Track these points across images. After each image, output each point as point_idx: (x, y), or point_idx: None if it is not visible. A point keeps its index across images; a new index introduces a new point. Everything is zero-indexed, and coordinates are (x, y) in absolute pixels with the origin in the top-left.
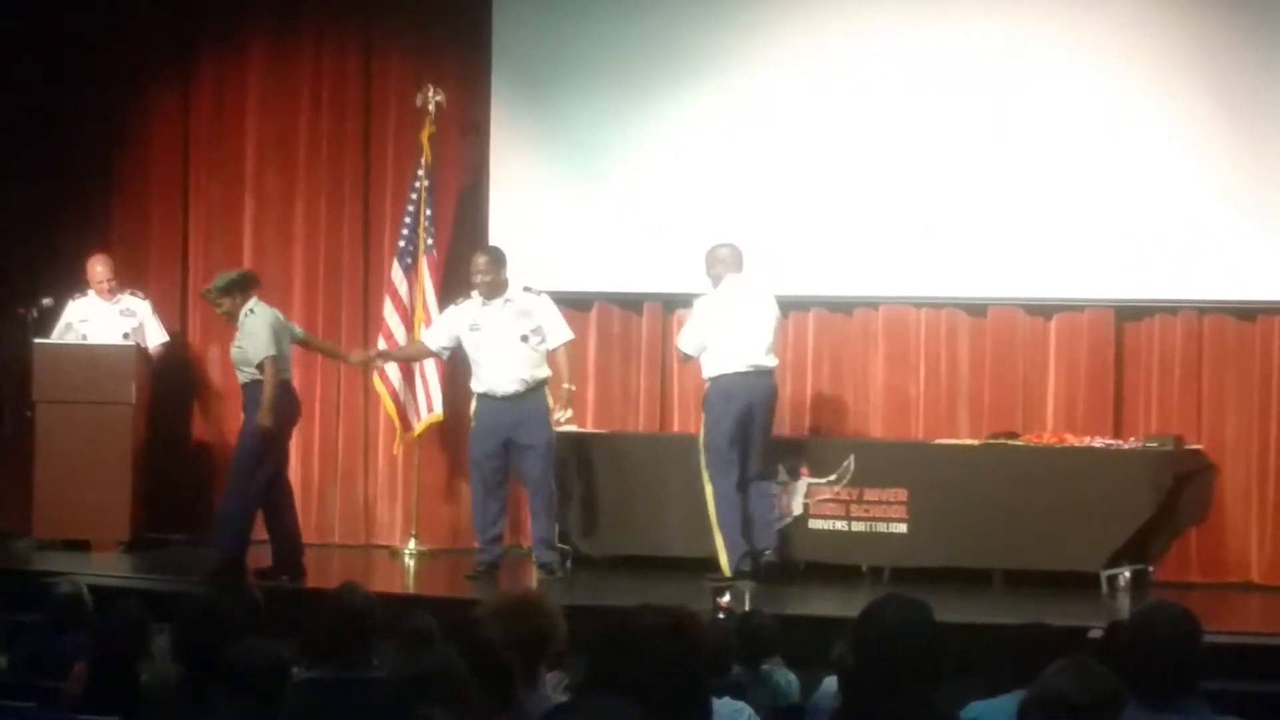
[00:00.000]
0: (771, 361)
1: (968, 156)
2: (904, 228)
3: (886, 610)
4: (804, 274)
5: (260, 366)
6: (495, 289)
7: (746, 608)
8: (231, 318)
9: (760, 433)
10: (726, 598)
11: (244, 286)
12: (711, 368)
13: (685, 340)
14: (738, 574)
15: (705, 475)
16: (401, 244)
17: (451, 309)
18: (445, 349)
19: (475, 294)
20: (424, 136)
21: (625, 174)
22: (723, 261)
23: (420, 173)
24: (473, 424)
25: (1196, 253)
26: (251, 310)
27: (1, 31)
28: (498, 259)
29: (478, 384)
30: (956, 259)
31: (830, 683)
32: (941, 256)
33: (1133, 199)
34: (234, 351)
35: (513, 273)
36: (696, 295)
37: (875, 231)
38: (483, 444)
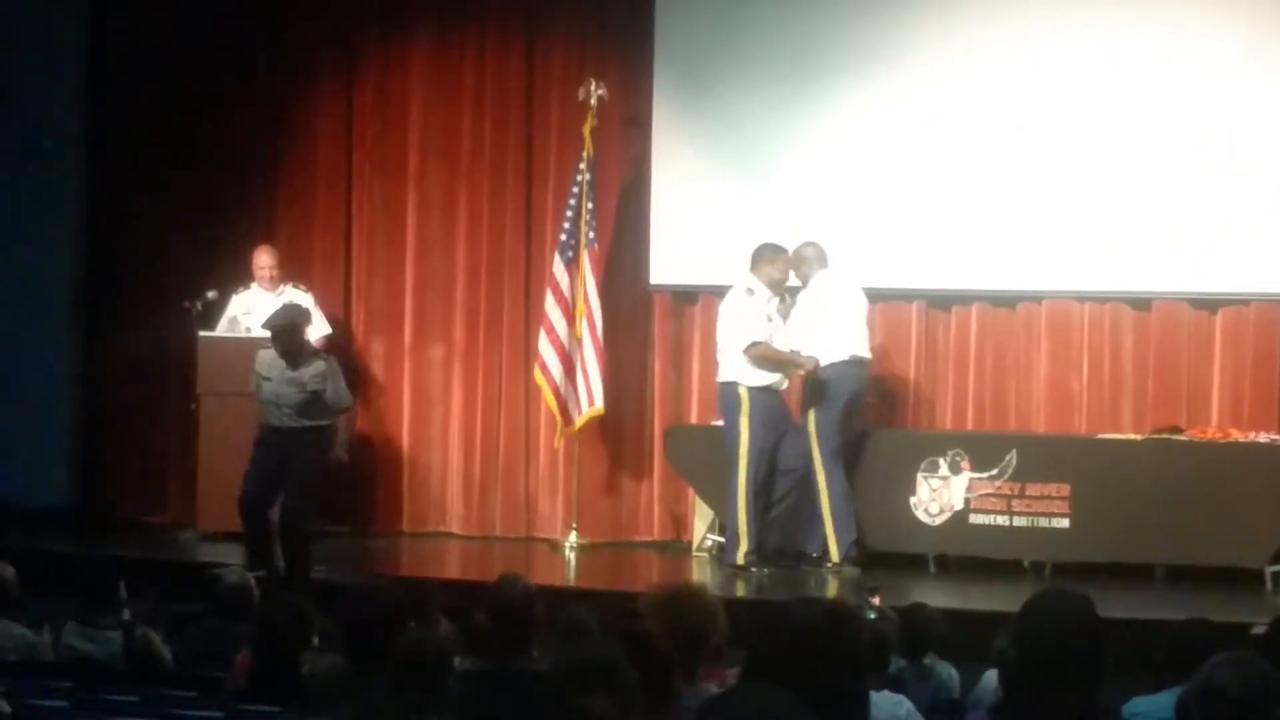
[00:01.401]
0: (868, 352)
1: (1130, 150)
2: (1067, 221)
3: (1048, 603)
4: (967, 268)
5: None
6: None
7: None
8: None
9: (857, 422)
10: (879, 595)
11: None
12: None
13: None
14: (846, 560)
15: (820, 464)
16: (563, 237)
17: None
18: None
19: None
20: (586, 130)
21: (786, 168)
22: (808, 260)
23: (582, 166)
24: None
25: None
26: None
27: (170, 28)
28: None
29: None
30: (1120, 252)
31: (990, 677)
32: (1105, 250)
33: None
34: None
35: (675, 266)
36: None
37: (1039, 225)
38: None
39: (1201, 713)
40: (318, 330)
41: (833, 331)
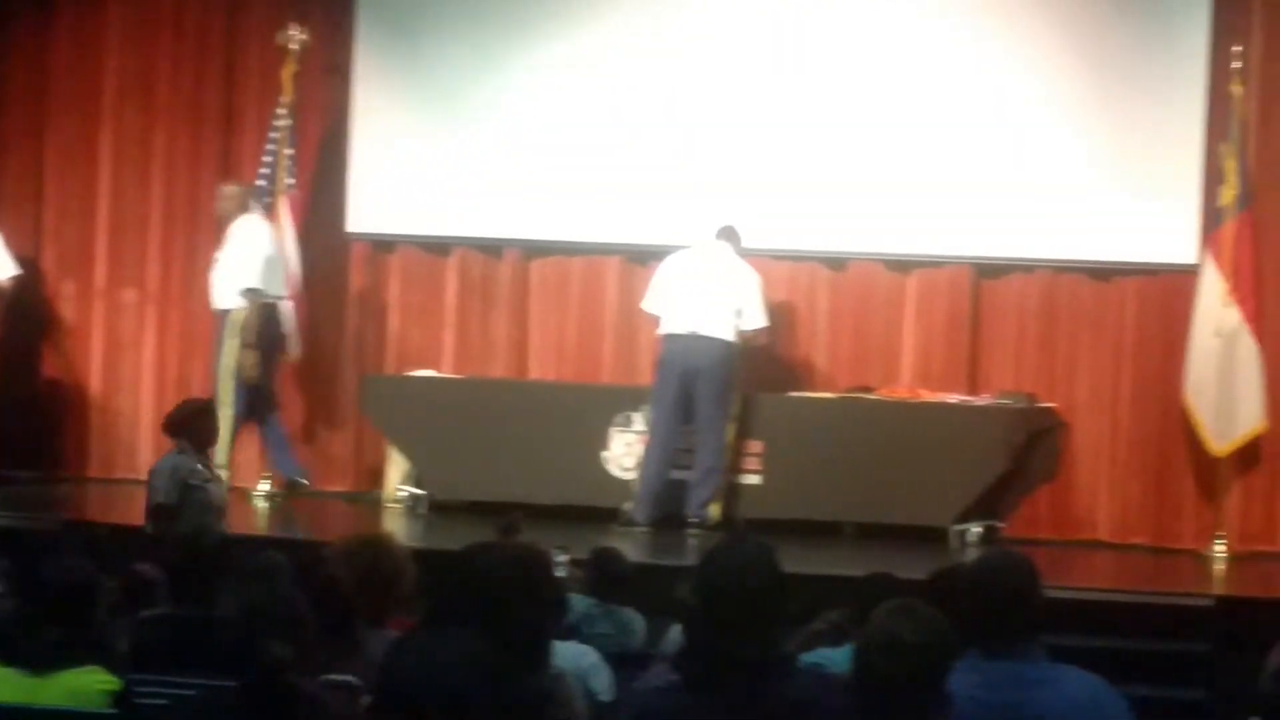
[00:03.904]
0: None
1: (830, 111)
2: (764, 180)
3: (728, 552)
4: (666, 224)
5: None
6: None
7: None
8: None
9: (707, 393)
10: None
11: None
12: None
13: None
14: (626, 521)
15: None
16: (261, 183)
17: None
18: None
19: None
20: (286, 75)
21: (487, 119)
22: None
23: (282, 111)
24: None
25: (1055, 213)
26: None
27: None
28: None
29: None
30: (817, 213)
31: (677, 629)
32: (802, 210)
33: (994, 158)
34: None
35: (373, 215)
36: (556, 242)
37: (737, 183)
38: None
39: (880, 659)
40: (4, 270)
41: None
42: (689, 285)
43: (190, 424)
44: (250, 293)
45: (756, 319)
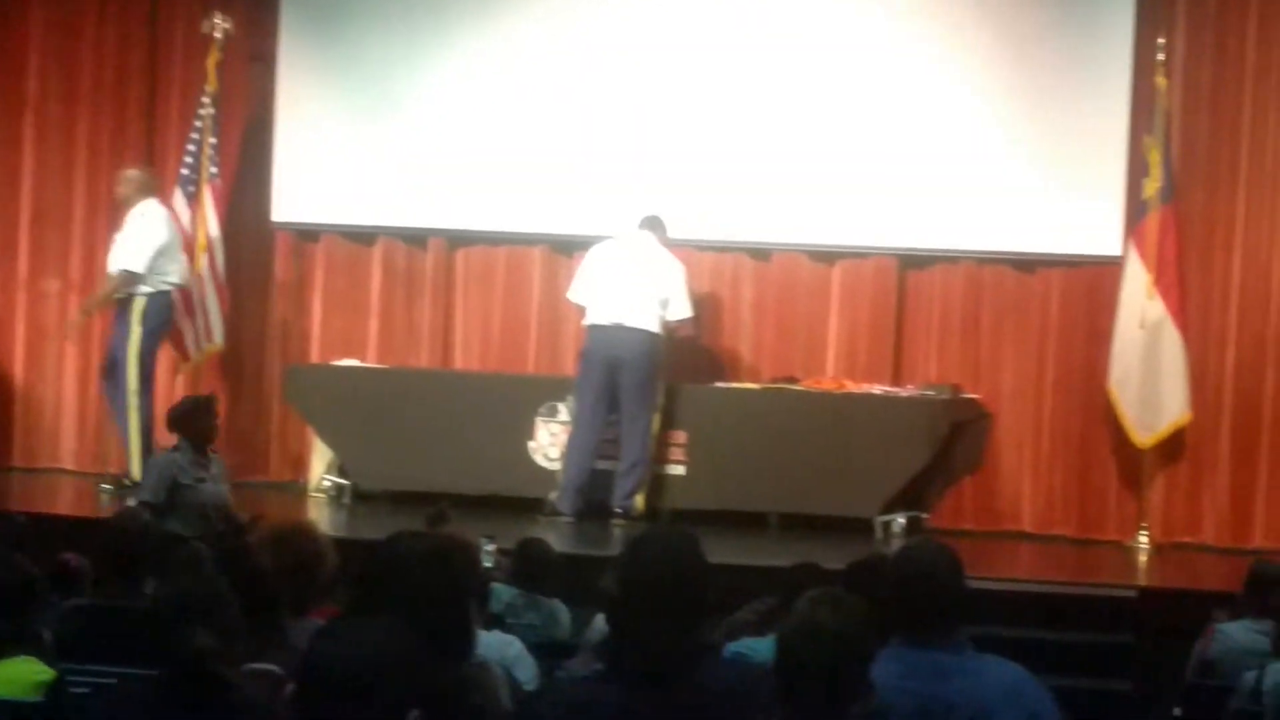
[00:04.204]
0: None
1: (752, 101)
2: (689, 171)
3: (652, 541)
4: (584, 215)
5: None
6: None
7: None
8: None
9: (628, 383)
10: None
11: None
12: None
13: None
14: (551, 511)
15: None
16: (185, 171)
17: None
18: None
19: None
20: (210, 64)
21: (412, 108)
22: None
23: (206, 100)
24: None
25: (980, 204)
26: None
27: None
28: None
29: None
30: (741, 203)
31: (601, 619)
32: (726, 200)
33: (918, 149)
34: None
35: (298, 205)
36: (481, 232)
37: (659, 173)
38: None
39: (802, 647)
40: None
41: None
42: (614, 276)
43: (187, 420)
44: (124, 274)
45: (681, 309)
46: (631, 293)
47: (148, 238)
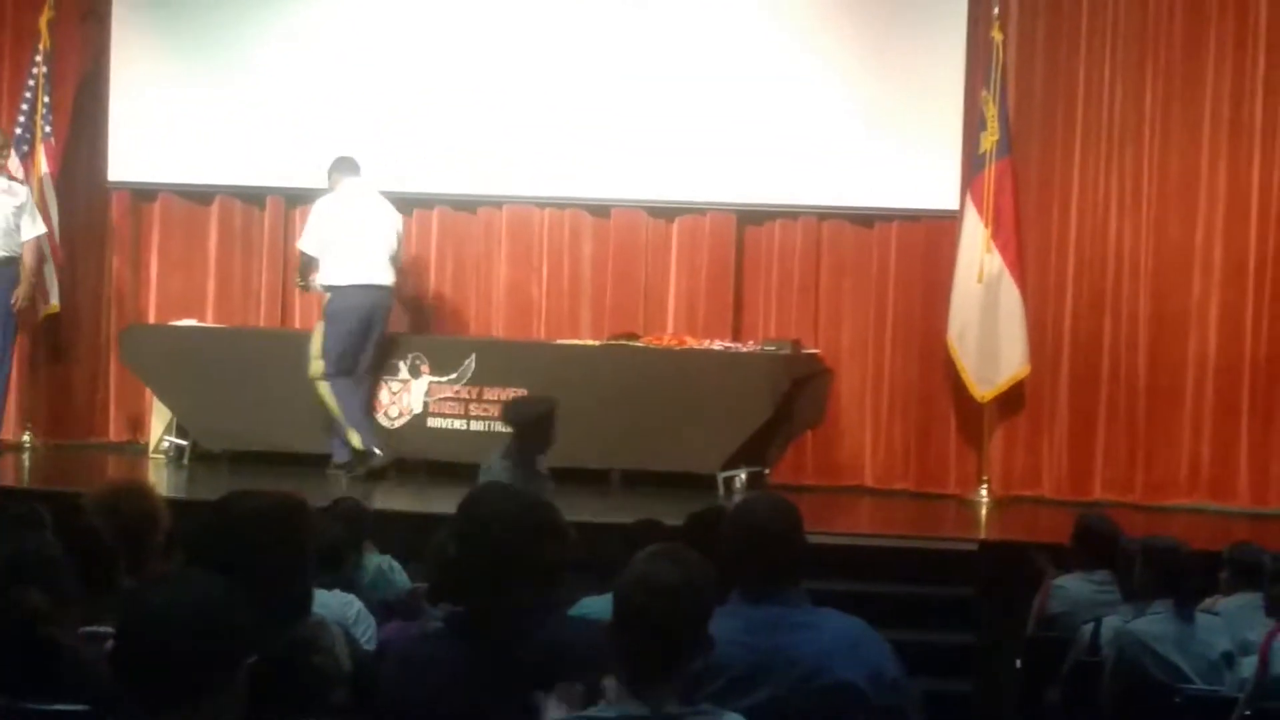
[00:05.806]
0: (391, 277)
1: (592, 58)
2: (528, 127)
3: (487, 498)
4: (428, 172)
5: None
6: None
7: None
8: None
9: (377, 339)
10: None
11: None
12: (331, 277)
13: (305, 241)
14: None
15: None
16: (18, 130)
17: None
18: None
19: None
20: (43, 22)
21: (248, 68)
22: (337, 169)
23: (38, 59)
24: None
25: (818, 159)
26: None
27: None
28: None
29: None
30: (580, 160)
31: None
32: (565, 157)
33: (756, 105)
34: None
35: (134, 164)
36: (320, 191)
37: (500, 131)
38: None
39: (639, 601)
40: None
41: (354, 251)
42: (353, 234)
43: None
44: None
45: (398, 263)
46: (373, 249)
47: None
